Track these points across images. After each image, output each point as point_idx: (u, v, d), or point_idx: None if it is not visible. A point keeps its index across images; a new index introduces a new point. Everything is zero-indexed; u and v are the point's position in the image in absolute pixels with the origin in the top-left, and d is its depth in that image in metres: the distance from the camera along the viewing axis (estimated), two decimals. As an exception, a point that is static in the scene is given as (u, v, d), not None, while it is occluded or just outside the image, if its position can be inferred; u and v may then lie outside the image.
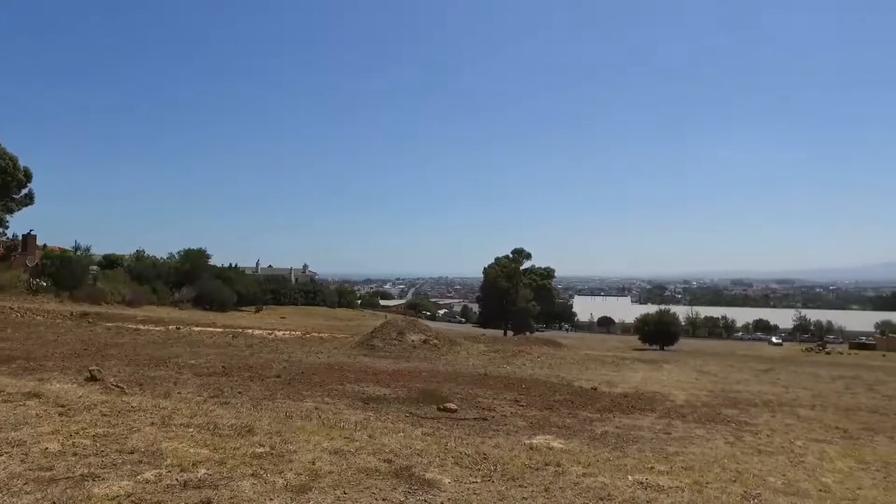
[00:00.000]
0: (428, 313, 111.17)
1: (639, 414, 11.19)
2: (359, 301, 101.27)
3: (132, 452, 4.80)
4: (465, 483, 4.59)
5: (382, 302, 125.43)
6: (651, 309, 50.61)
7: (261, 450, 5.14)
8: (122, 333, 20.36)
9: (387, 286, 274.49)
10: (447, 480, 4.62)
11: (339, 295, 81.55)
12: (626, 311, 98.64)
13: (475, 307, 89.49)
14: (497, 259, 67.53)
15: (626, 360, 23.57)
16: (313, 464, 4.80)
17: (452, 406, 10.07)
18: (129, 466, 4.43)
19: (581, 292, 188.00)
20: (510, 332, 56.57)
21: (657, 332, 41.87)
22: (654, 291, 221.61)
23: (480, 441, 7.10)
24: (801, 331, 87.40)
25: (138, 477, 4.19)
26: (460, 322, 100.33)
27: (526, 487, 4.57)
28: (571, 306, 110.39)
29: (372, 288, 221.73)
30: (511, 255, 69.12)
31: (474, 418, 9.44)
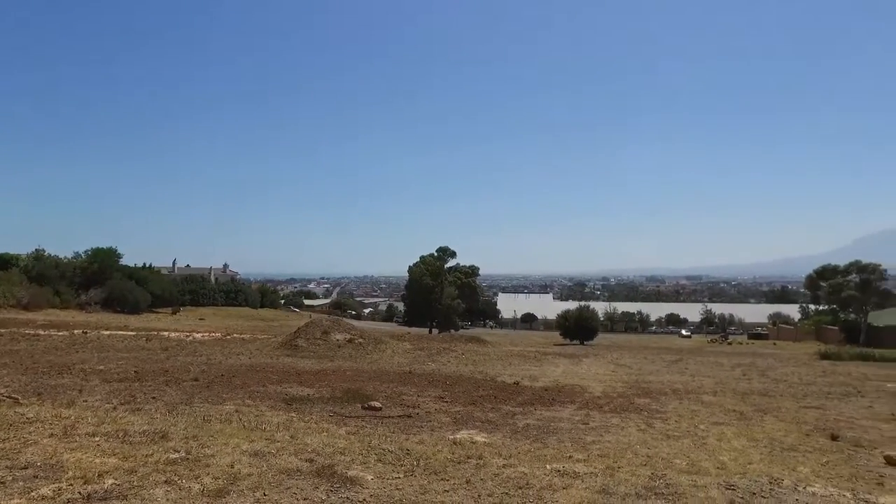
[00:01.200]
0: (353, 312, 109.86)
1: (559, 406, 11.59)
2: (282, 301, 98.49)
3: (26, 467, 4.44)
4: (388, 479, 4.62)
5: (307, 301, 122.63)
6: (572, 305, 52.31)
7: (175, 455, 4.94)
8: (17, 340, 18.83)
9: (311, 286, 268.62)
10: (370, 477, 4.64)
11: (262, 295, 79.03)
12: (549, 307, 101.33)
13: (401, 306, 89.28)
14: (422, 257, 67.70)
15: (548, 355, 24.31)
16: (232, 467, 4.67)
17: (377, 404, 10.06)
18: (21, 483, 4.09)
19: (505, 290, 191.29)
20: (435, 330, 56.91)
21: (577, 328, 43.27)
22: (575, 288, 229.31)
23: (405, 438, 7.14)
24: (707, 323, 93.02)
25: (33, 493, 3.87)
26: (386, 321, 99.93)
27: (448, 480, 4.66)
28: (496, 304, 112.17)
29: (296, 287, 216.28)
30: (436, 254, 69.49)
31: (399, 416, 9.47)
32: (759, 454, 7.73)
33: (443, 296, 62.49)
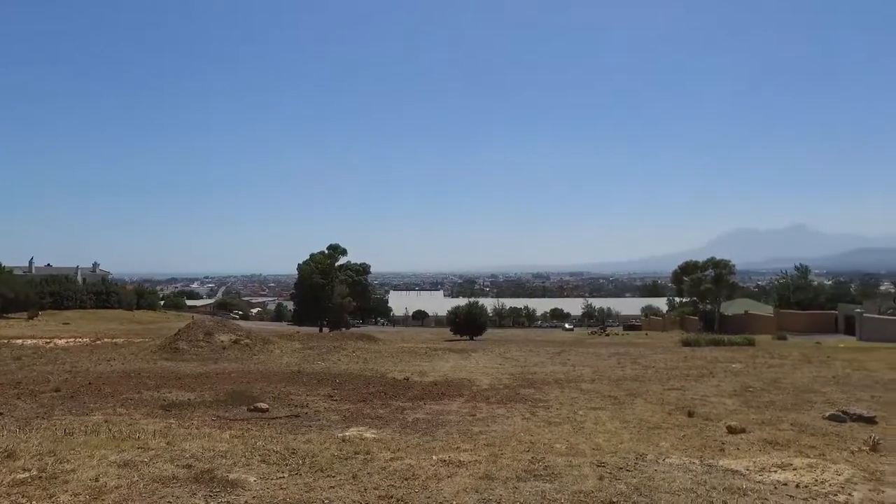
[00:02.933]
0: (240, 312, 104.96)
1: (448, 400, 11.83)
2: (162, 302, 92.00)
3: None
4: (272, 479, 4.51)
5: (189, 302, 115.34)
6: (462, 302, 53.48)
7: (24, 475, 4.46)
8: None
9: (194, 285, 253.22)
10: (252, 479, 4.50)
11: (138, 296, 73.30)
12: (439, 304, 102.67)
13: (290, 305, 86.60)
14: (312, 255, 66.10)
15: (438, 350, 24.69)
16: (96, 480, 4.32)
17: (264, 405, 9.73)
18: None
19: (397, 288, 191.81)
20: (326, 329, 55.84)
21: (467, 324, 44.27)
22: (465, 286, 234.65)
23: (292, 438, 6.98)
24: (588, 317, 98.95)
25: None
26: (275, 321, 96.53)
27: (334, 477, 4.64)
28: (387, 301, 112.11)
29: (177, 287, 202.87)
30: (327, 251, 68.22)
31: (286, 416, 9.23)
32: (629, 434, 8.38)
33: (333, 294, 61.41)
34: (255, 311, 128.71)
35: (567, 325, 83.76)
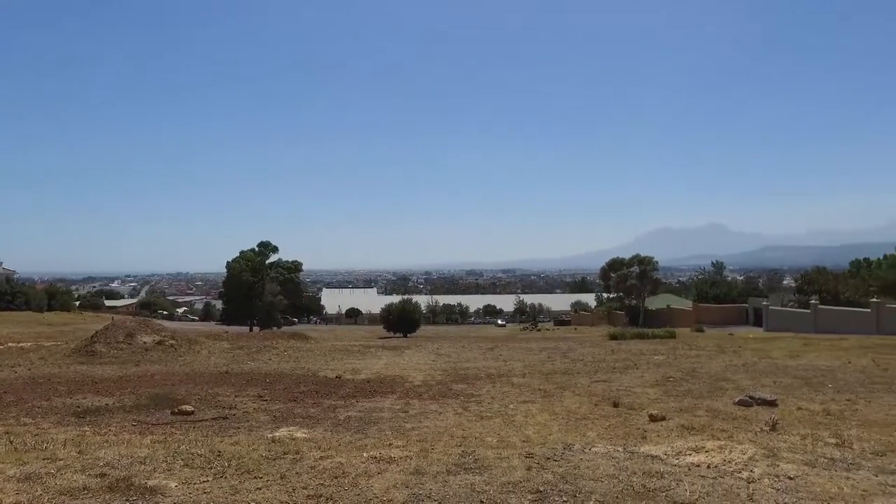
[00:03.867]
0: (165, 312, 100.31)
1: (380, 397, 11.78)
2: (77, 303, 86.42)
3: None
4: (195, 484, 4.35)
5: (108, 302, 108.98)
6: (395, 299, 53.30)
7: None
8: None
9: (114, 284, 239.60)
10: (173, 484, 4.32)
11: (50, 296, 68.42)
12: (373, 302, 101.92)
13: (219, 304, 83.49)
14: (242, 253, 64.06)
15: (371, 348, 24.54)
16: (-6, 496, 4.03)
17: (189, 408, 9.35)
18: None
19: (330, 285, 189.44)
20: (256, 328, 54.26)
21: (400, 321, 44.12)
22: (399, 283, 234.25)
23: (219, 440, 6.75)
24: (520, 313, 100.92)
25: None
26: (203, 320, 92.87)
27: (262, 478, 4.53)
28: (320, 299, 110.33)
29: (94, 287, 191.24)
30: (257, 249, 66.31)
31: (213, 418, 8.91)
32: (558, 426, 8.63)
33: (264, 292, 59.75)
34: (181, 310, 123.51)
35: (499, 322, 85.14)
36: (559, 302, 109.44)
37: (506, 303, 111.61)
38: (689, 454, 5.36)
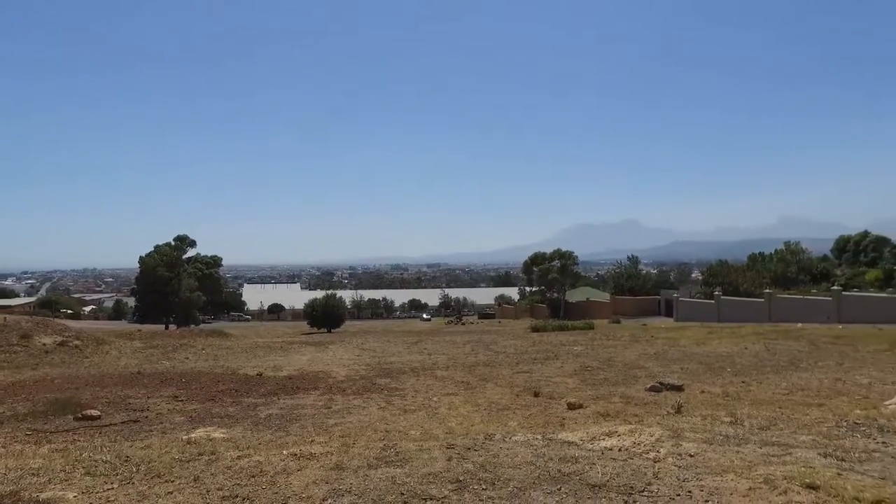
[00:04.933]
0: (69, 311, 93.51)
1: (303, 393, 11.58)
2: (-40, 302, 79.00)
3: None
4: (97, 493, 4.11)
5: (1, 301, 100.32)
6: (319, 294, 52.28)
7: None
8: None
9: (8, 282, 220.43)
10: (71, 496, 4.06)
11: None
12: (297, 297, 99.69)
13: (131, 301, 78.79)
14: (157, 247, 60.74)
15: (294, 344, 24.03)
16: None
17: (94, 412, 8.81)
18: None
19: (251, 281, 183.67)
20: (173, 326, 51.73)
21: (325, 316, 43.41)
22: (323, 278, 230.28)
23: (128, 445, 6.41)
24: (446, 307, 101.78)
25: None
26: (114, 319, 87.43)
27: (173, 482, 4.34)
28: (241, 295, 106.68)
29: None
30: (173, 243, 63.04)
31: (123, 422, 8.45)
32: (480, 417, 8.81)
33: (181, 288, 57.01)
34: (88, 309, 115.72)
35: (425, 316, 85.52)
36: (483, 296, 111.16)
37: (431, 297, 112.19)
38: (603, 439, 5.62)
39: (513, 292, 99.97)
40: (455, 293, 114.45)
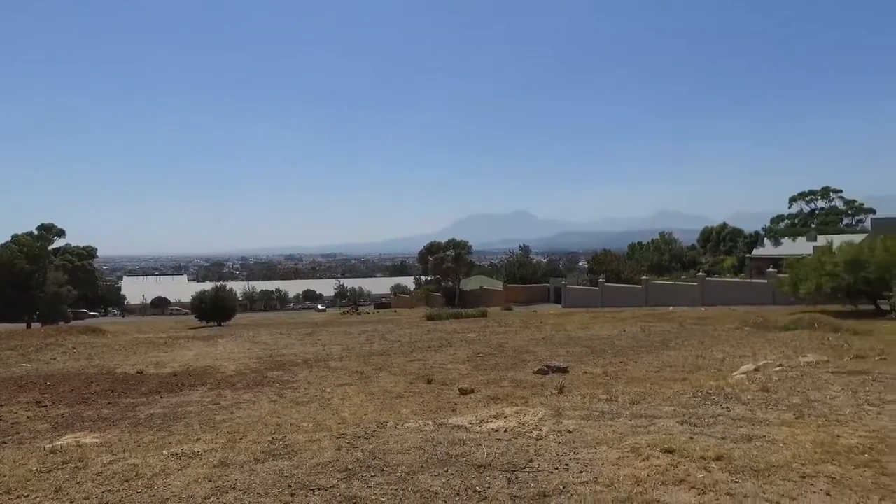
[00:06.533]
0: None
1: (188, 390, 11.04)
2: None
3: None
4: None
5: None
6: (208, 286, 49.55)
7: None
8: None
9: None
10: None
11: None
12: (183, 290, 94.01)
13: (-18, 298, 70.40)
14: (15, 237, 54.67)
15: (180, 339, 22.72)
16: None
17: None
18: None
19: (132, 273, 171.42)
20: (37, 324, 46.89)
21: (214, 309, 41.34)
22: (213, 269, 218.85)
23: (-30, 462, 5.78)
24: (341, 297, 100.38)
25: None
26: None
27: (29, 496, 3.99)
28: (119, 289, 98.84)
29: None
30: (36, 232, 57.09)
31: (-34, 436, 7.61)
32: (373, 405, 8.85)
33: (46, 282, 51.74)
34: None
35: (320, 306, 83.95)
36: (380, 286, 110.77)
37: (326, 287, 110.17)
38: (491, 421, 5.86)
39: (409, 282, 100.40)
40: (351, 283, 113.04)
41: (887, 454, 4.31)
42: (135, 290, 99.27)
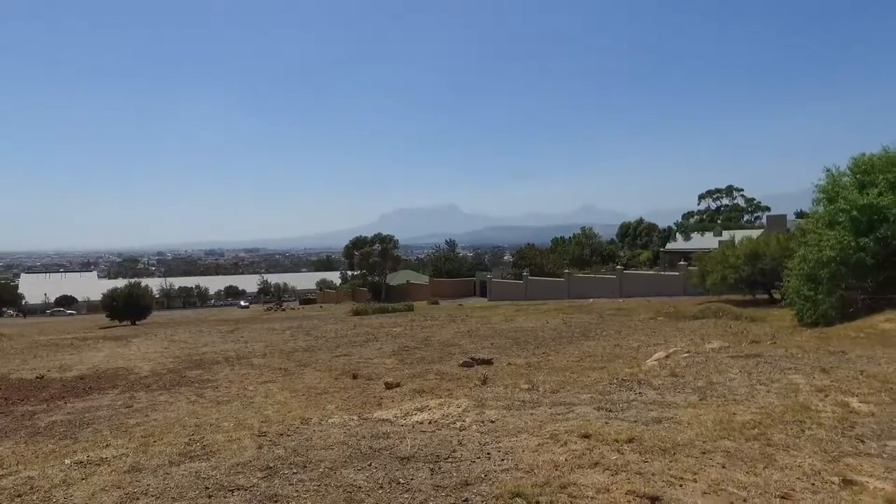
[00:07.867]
0: None
1: (97, 394, 10.44)
2: None
3: None
4: None
5: None
6: (121, 283, 46.66)
7: None
8: None
9: None
10: None
11: None
12: (93, 287, 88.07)
13: None
14: None
15: (89, 340, 21.36)
16: None
17: None
18: None
19: (32, 270, 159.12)
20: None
21: (128, 307, 39.00)
22: (126, 265, 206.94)
23: None
24: (265, 293, 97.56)
25: None
26: None
27: None
28: (17, 287, 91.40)
29: None
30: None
31: None
32: (298, 402, 8.69)
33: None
34: None
35: (242, 303, 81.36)
36: (305, 281, 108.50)
37: (249, 283, 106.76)
38: (416, 414, 5.90)
39: (335, 277, 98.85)
40: (275, 279, 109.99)
41: (772, 427, 4.71)
42: (35, 289, 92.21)
